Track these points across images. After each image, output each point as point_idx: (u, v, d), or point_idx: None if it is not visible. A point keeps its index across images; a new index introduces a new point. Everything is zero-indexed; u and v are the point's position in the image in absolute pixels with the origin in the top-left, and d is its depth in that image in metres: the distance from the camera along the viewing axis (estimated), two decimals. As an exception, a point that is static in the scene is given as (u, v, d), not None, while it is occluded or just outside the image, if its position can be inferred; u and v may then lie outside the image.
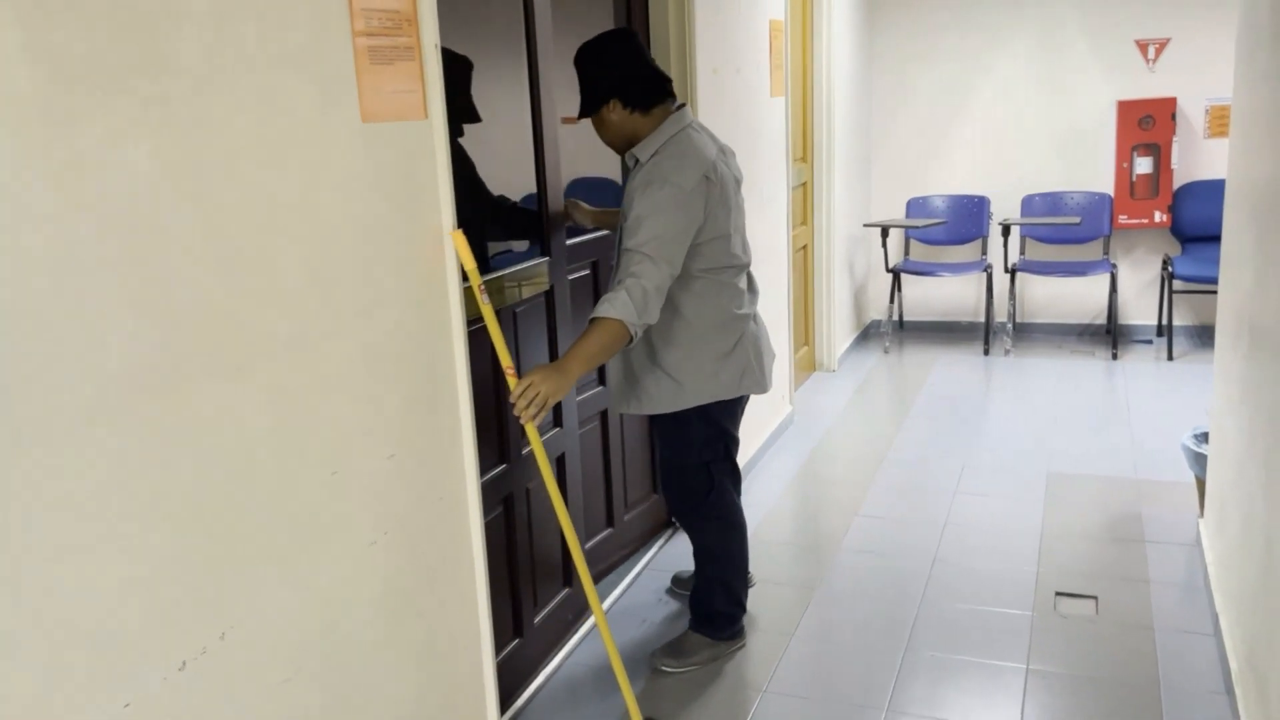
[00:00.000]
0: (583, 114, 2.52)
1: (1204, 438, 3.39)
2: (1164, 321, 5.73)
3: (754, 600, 3.00)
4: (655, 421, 2.70)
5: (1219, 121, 5.63)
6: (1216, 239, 4.67)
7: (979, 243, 6.19)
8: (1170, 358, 5.50)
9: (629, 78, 2.46)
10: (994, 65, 6.05)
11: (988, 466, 4.11)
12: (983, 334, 6.07)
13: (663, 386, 2.55)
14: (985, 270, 6.01)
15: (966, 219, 6.16)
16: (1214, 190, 5.56)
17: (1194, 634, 2.80)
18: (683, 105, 2.56)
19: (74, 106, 1.28)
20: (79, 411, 1.29)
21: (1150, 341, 5.86)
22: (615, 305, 2.24)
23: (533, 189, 2.71)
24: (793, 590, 3.16)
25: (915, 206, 6.29)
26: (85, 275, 1.30)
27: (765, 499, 3.88)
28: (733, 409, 2.65)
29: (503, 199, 2.65)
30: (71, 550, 1.29)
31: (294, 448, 1.68)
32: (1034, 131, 6.05)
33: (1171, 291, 5.60)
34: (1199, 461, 3.34)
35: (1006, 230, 5.83)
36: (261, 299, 1.60)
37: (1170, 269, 5.55)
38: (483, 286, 2.10)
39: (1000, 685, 2.61)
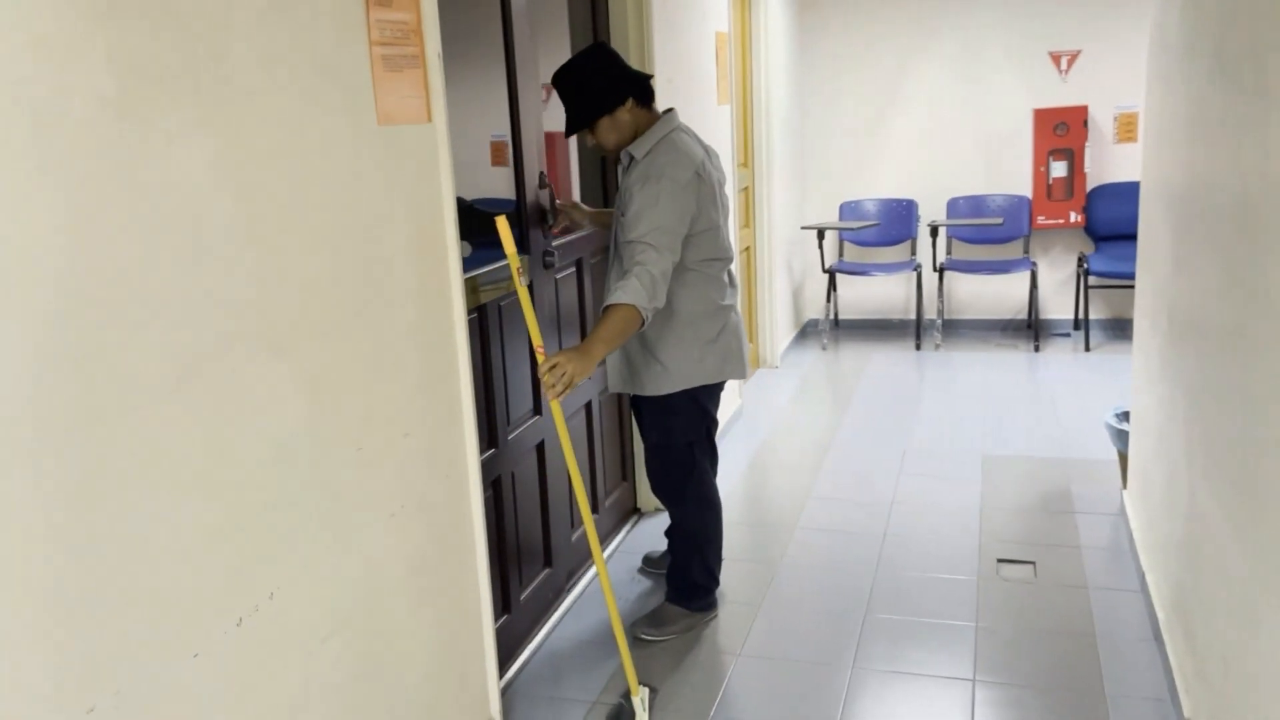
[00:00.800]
0: (602, 114, 2.64)
1: (1125, 416, 3.69)
2: (1081, 315, 6.11)
3: (722, 576, 3.19)
4: (644, 405, 2.88)
5: (1126, 128, 6.04)
6: (1127, 237, 5.05)
7: (908, 244, 6.50)
8: (1087, 348, 5.88)
9: (636, 78, 2.67)
10: (919, 76, 6.38)
11: (926, 451, 4.38)
12: (914, 330, 6.38)
13: (654, 371, 2.75)
14: (915, 270, 6.32)
15: (896, 221, 6.48)
16: (1123, 191, 5.97)
17: (1123, 591, 3.08)
18: (670, 109, 2.76)
19: (147, 108, 1.41)
20: (147, 390, 1.42)
21: (1068, 334, 6.23)
22: (628, 291, 2.42)
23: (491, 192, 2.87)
24: (757, 566, 3.36)
25: (848, 210, 6.59)
26: (150, 263, 1.42)
27: (723, 485, 4.03)
28: (715, 393, 2.85)
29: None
30: (144, 516, 1.42)
31: (326, 425, 1.81)
32: (957, 138, 6.39)
33: (1087, 287, 5.98)
34: (1121, 438, 3.64)
35: (934, 231, 6.16)
36: (297, 286, 1.73)
37: (1085, 266, 5.93)
38: (521, 268, 2.32)
39: (952, 641, 2.85)
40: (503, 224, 2.25)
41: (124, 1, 1.36)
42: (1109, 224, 6.03)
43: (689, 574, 2.93)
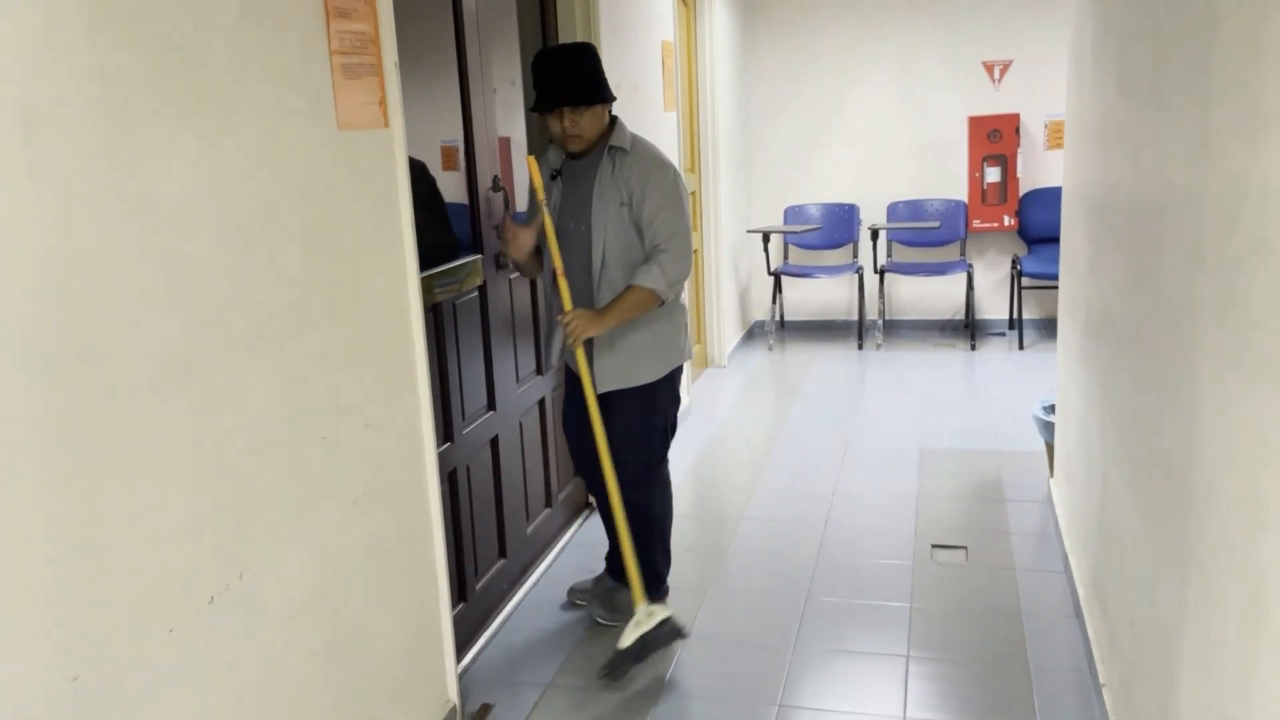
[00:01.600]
0: (601, 100, 2.73)
1: (1051, 409, 3.89)
2: (1015, 315, 6.35)
3: (672, 562, 3.32)
4: (623, 396, 2.87)
5: (1056, 135, 6.30)
6: (1058, 240, 5.27)
7: (850, 247, 6.71)
8: (1021, 347, 6.12)
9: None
10: (860, 85, 6.59)
11: (867, 445, 4.56)
12: (856, 331, 6.58)
13: (651, 358, 2.87)
14: (857, 272, 6.52)
15: (839, 225, 6.67)
16: (1054, 196, 6.20)
17: (1048, 572, 3.26)
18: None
19: (132, 116, 1.50)
20: (130, 385, 1.51)
21: (1003, 334, 6.48)
22: (650, 277, 2.70)
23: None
24: (705, 554, 3.50)
25: (792, 214, 6.77)
26: (135, 264, 1.51)
27: (673, 479, 4.20)
28: (680, 373, 3.01)
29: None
30: (128, 501, 1.50)
31: (295, 416, 1.90)
32: (896, 144, 6.61)
33: (1020, 288, 6.22)
34: (1047, 429, 3.84)
35: (875, 235, 6.36)
36: (269, 286, 1.83)
37: (1019, 268, 6.17)
38: (544, 200, 2.74)
39: (889, 621, 3.01)
40: (531, 162, 2.73)
41: (112, 15, 1.46)
42: (1041, 227, 6.27)
43: (652, 561, 3.03)
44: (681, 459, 4.46)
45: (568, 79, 2.69)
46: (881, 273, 6.47)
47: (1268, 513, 1.28)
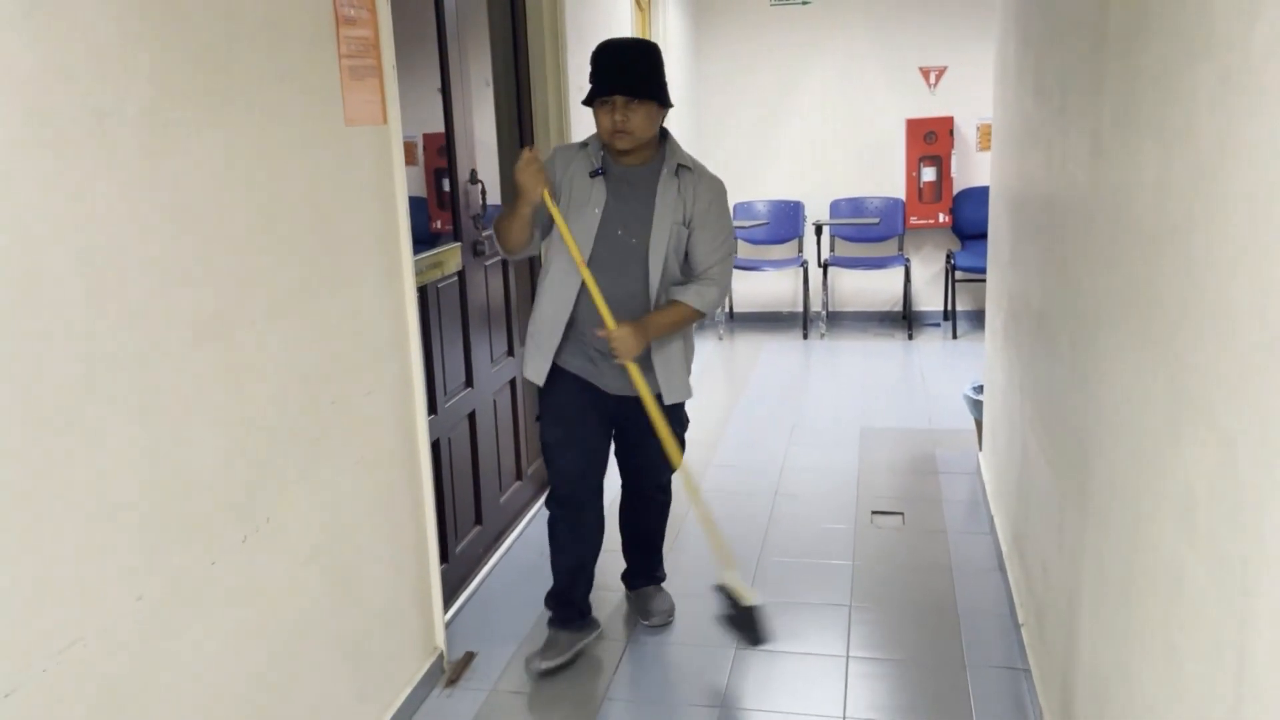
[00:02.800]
0: (661, 100, 2.58)
1: (980, 389, 4.24)
2: (949, 307, 6.73)
3: (634, 530, 3.59)
4: (675, 406, 2.81)
5: (986, 137, 6.69)
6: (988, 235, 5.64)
7: (795, 242, 7.04)
8: (955, 336, 6.51)
9: None
10: (804, 88, 6.92)
11: (813, 425, 4.88)
12: (801, 322, 6.91)
13: (688, 368, 2.84)
14: (801, 266, 6.86)
15: (785, 221, 7.00)
16: (985, 195, 6.57)
17: (976, 534, 3.60)
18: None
19: (177, 112, 1.73)
20: (177, 344, 1.73)
21: (938, 324, 6.86)
22: (706, 299, 2.65)
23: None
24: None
25: (740, 210, 7.08)
26: (179, 237, 1.74)
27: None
28: None
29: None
30: (183, 447, 1.73)
31: (308, 378, 2.14)
32: (839, 144, 6.95)
33: (954, 281, 6.61)
34: (976, 407, 4.19)
35: (819, 230, 6.70)
36: (284, 261, 2.06)
37: (953, 262, 6.55)
38: (552, 200, 2.58)
39: (833, 578, 3.31)
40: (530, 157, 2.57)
41: (162, 26, 1.68)
42: (973, 224, 6.66)
43: (662, 553, 3.17)
44: (639, 439, 4.73)
45: (626, 69, 2.54)
46: (825, 266, 6.82)
47: (1149, 468, 1.59)
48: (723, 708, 2.65)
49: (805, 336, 6.73)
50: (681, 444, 2.85)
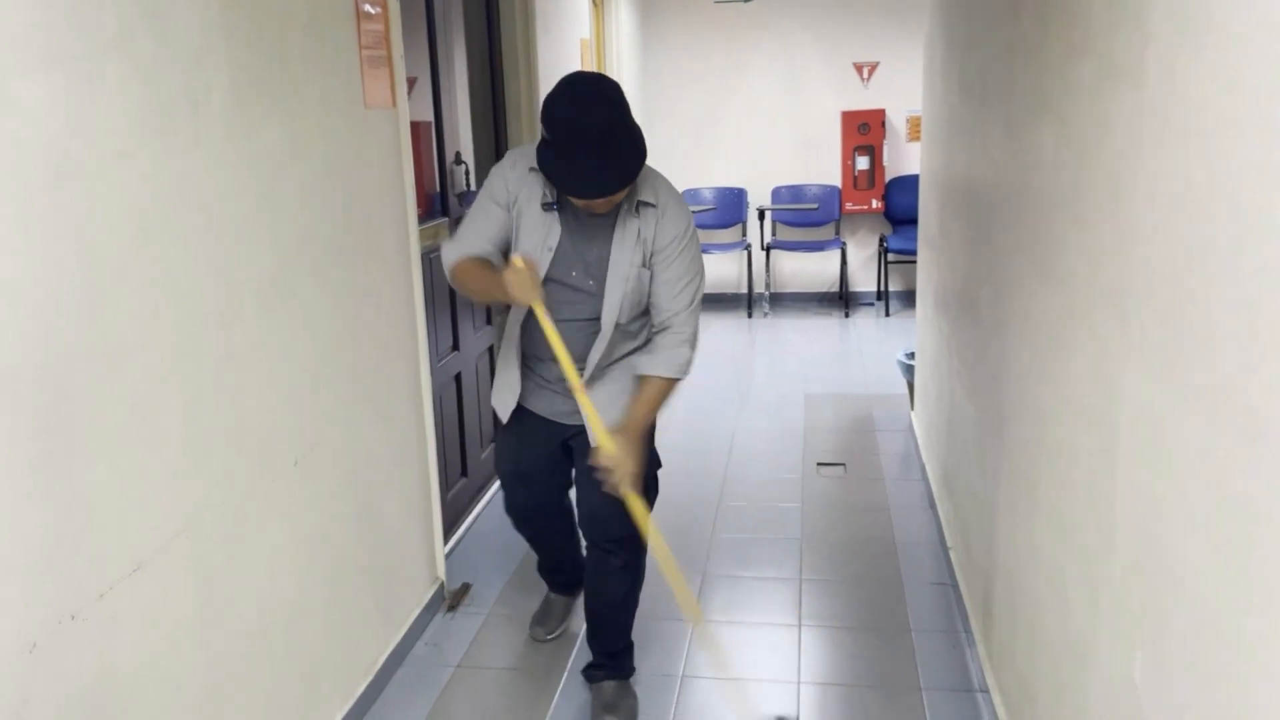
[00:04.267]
0: (637, 174, 2.19)
1: (911, 355, 4.68)
2: (882, 287, 7.21)
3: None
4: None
5: (915, 128, 7.17)
6: (918, 220, 6.11)
7: (740, 226, 7.45)
8: (887, 314, 6.98)
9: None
10: (746, 81, 7.33)
11: (760, 393, 5.29)
12: (746, 302, 7.33)
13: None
14: (745, 249, 7.27)
15: (730, 207, 7.41)
16: (915, 183, 7.08)
17: (909, 480, 4.03)
18: None
19: (248, 99, 2.03)
20: (249, 294, 2.05)
21: (872, 303, 7.33)
22: (676, 366, 2.32)
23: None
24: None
25: (688, 196, 7.46)
26: (250, 204, 2.05)
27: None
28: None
29: None
30: (247, 388, 2.05)
31: (338, 337, 2.45)
32: (779, 135, 7.38)
33: (887, 263, 7.08)
34: (909, 370, 4.63)
35: (762, 215, 7.11)
36: (325, 226, 2.37)
37: (885, 245, 7.03)
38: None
39: (785, 518, 3.71)
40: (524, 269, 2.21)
41: (236, 23, 1.99)
42: (904, 210, 7.14)
43: (629, 630, 2.67)
44: (601, 406, 5.08)
45: (611, 159, 2.12)
46: (767, 249, 7.24)
47: (1046, 373, 2.00)
48: (680, 679, 3.03)
49: (750, 315, 7.15)
50: (655, 487, 2.54)
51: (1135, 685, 1.43)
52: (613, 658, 2.64)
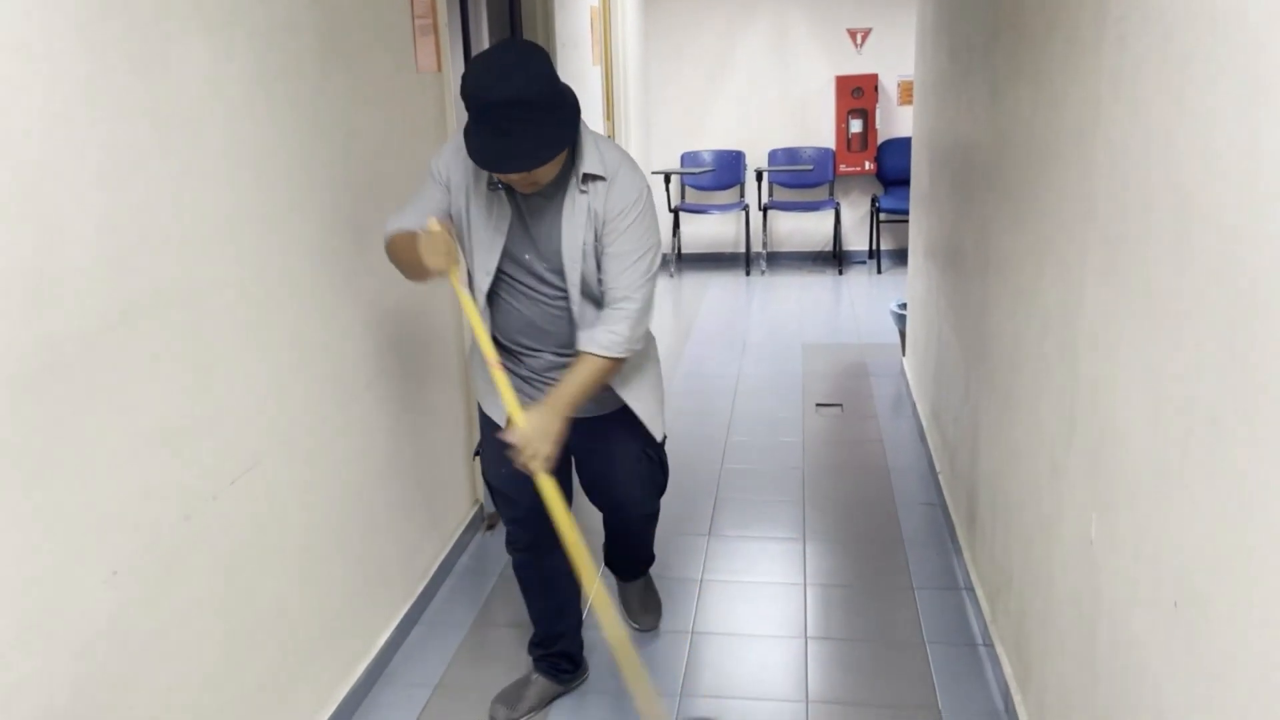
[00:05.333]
0: (566, 145, 1.99)
1: (903, 306, 5.01)
2: (874, 246, 7.53)
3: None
4: (628, 416, 2.33)
5: (906, 93, 7.46)
6: (908, 181, 6.42)
7: (738, 188, 7.75)
8: (879, 271, 7.31)
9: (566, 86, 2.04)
10: (743, 47, 7.59)
11: (760, 344, 5.62)
12: (743, 261, 7.64)
13: (660, 403, 2.48)
14: (743, 209, 7.57)
15: (728, 168, 7.70)
16: (905, 145, 7.37)
17: (901, 418, 4.38)
18: None
19: (317, 67, 2.32)
20: (332, 244, 2.35)
21: (865, 262, 7.65)
22: (612, 345, 2.08)
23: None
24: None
25: (688, 158, 7.75)
26: (327, 155, 2.35)
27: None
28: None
29: None
30: (328, 318, 2.36)
31: (393, 290, 2.76)
32: (775, 99, 7.65)
33: (879, 222, 7.39)
34: (900, 319, 4.96)
35: (759, 177, 7.41)
36: (383, 179, 2.67)
37: (877, 205, 7.34)
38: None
39: (787, 450, 4.06)
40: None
41: (310, 7, 2.29)
42: (895, 171, 7.43)
43: (651, 546, 2.82)
44: (611, 355, 5.41)
45: (513, 136, 1.91)
46: (764, 210, 7.54)
47: (1023, 301, 2.33)
48: (700, 583, 3.38)
49: (748, 274, 7.46)
50: (664, 469, 2.51)
51: (1091, 542, 1.78)
52: (637, 564, 2.84)
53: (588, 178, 2.09)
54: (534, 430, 2.02)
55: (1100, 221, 1.72)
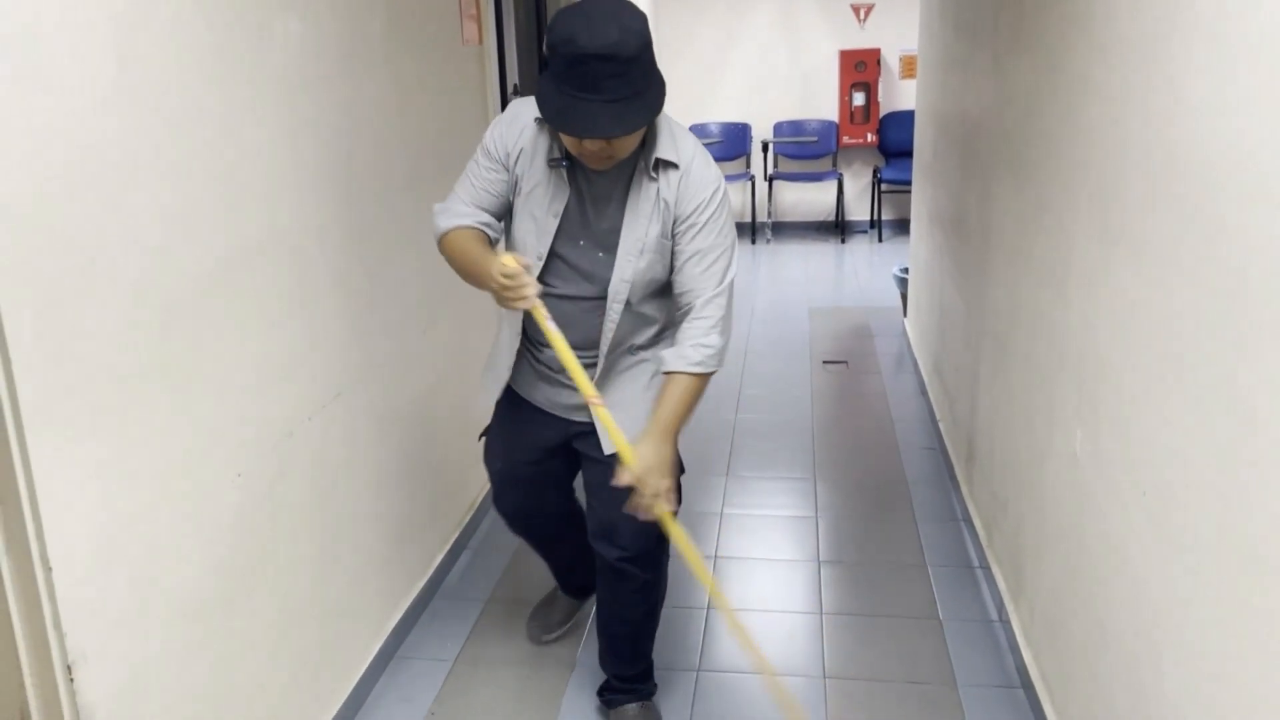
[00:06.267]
0: (653, 118, 1.87)
1: (905, 270, 5.27)
2: (875, 216, 7.77)
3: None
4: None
5: (909, 67, 7.68)
6: (909, 153, 6.66)
7: (744, 159, 7.98)
8: (880, 240, 7.56)
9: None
10: (750, 22, 7.80)
11: (768, 307, 5.88)
12: (750, 230, 7.89)
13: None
14: (749, 180, 7.80)
15: (735, 140, 7.93)
16: (906, 118, 7.59)
17: (904, 374, 4.65)
18: None
19: (379, 50, 2.56)
20: (393, 187, 2.60)
21: (866, 231, 7.91)
22: (707, 360, 1.98)
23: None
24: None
25: (696, 131, 7.93)
26: (395, 118, 2.59)
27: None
28: None
29: None
30: (392, 266, 2.61)
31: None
32: (781, 73, 7.87)
33: (880, 193, 7.64)
34: (902, 283, 5.23)
35: (765, 148, 7.64)
36: (431, 144, 2.91)
37: (879, 176, 7.58)
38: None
39: (797, 402, 4.33)
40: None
41: (390, -28, 2.52)
42: (897, 143, 7.67)
43: (649, 651, 2.38)
44: (626, 317, 5.67)
45: (613, 93, 1.76)
46: (770, 180, 7.78)
47: (1022, 250, 2.59)
48: (721, 515, 3.65)
49: (754, 243, 7.71)
50: (679, 495, 2.03)
51: (1076, 456, 2.05)
52: (632, 681, 2.35)
53: (660, 164, 1.92)
54: (646, 468, 1.85)
55: (1090, 175, 1.97)
